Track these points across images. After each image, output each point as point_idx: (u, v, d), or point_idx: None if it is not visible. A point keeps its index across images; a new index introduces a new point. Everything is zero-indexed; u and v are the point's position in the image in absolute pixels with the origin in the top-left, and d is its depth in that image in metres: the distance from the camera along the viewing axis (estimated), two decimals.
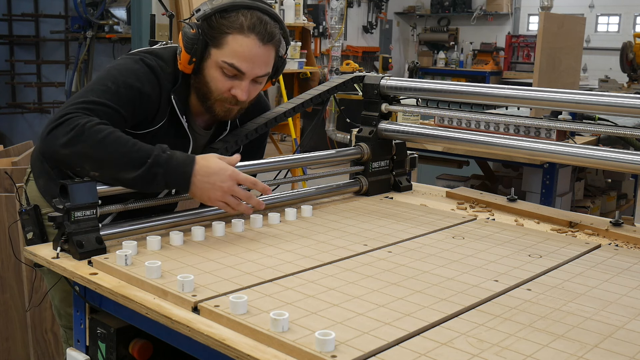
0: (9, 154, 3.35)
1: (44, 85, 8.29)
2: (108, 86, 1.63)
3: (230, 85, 1.71)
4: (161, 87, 1.72)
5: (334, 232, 1.67)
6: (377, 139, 2.12)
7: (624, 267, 1.49)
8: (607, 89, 7.09)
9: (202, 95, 1.75)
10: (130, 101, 1.65)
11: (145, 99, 1.68)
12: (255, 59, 1.70)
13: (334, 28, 11.18)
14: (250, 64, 1.69)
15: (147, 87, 1.68)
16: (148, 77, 1.70)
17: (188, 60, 1.70)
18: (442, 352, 1.04)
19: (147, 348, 1.42)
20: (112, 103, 1.61)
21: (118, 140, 1.52)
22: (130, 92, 1.65)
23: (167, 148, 1.56)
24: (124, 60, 1.74)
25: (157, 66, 1.72)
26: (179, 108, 1.76)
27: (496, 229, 1.77)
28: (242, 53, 1.68)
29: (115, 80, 1.65)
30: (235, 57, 1.68)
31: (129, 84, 1.65)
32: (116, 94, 1.63)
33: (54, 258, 1.44)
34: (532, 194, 3.52)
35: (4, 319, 2.71)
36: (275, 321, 1.08)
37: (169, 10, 4.55)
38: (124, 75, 1.67)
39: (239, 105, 1.76)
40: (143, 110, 1.69)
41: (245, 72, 1.70)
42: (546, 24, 3.63)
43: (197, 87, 1.76)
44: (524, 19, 12.62)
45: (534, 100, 1.83)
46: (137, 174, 1.50)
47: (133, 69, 1.69)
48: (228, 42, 1.68)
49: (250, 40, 1.68)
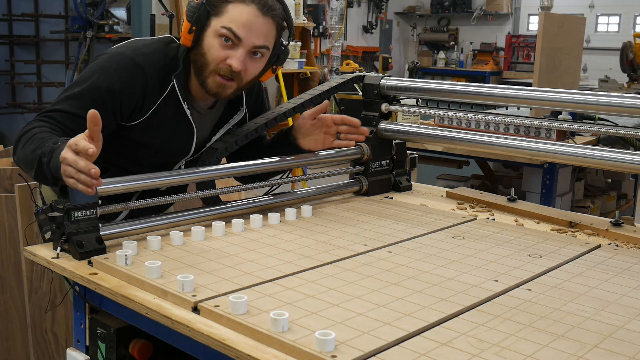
0: (9, 154, 3.35)
1: (44, 85, 8.29)
2: (73, 91, 1.67)
3: (226, 54, 1.71)
4: (146, 75, 1.71)
5: (334, 232, 1.67)
6: (377, 139, 2.12)
7: (624, 267, 1.49)
8: (607, 89, 7.09)
9: (199, 68, 1.74)
10: (95, 101, 1.64)
11: (118, 94, 1.67)
12: (253, 27, 1.70)
13: (334, 28, 11.18)
14: (247, 31, 1.69)
15: (118, 83, 1.68)
16: (120, 72, 1.69)
17: (188, 29, 1.71)
18: (442, 352, 1.04)
19: (147, 348, 1.42)
20: (71, 108, 1.63)
21: (31, 140, 1.53)
22: (97, 93, 1.66)
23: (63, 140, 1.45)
24: (101, 58, 1.75)
25: (134, 56, 1.72)
26: (180, 92, 1.76)
27: (496, 229, 1.77)
28: (240, 19, 1.69)
29: (82, 83, 1.68)
30: (233, 22, 1.69)
31: (96, 85, 1.66)
32: (79, 97, 1.65)
33: (53, 258, 1.44)
34: (532, 194, 3.52)
35: (4, 319, 2.71)
36: (275, 321, 1.08)
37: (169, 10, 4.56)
38: (92, 77, 1.68)
39: (234, 80, 1.73)
40: (119, 105, 1.69)
41: (242, 38, 1.69)
42: (546, 24, 3.63)
43: (195, 60, 1.75)
44: (524, 19, 12.62)
45: (534, 100, 1.83)
46: (33, 171, 1.50)
47: (103, 67, 1.70)
48: (228, 10, 1.70)
49: (250, 8, 1.69)
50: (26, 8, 8.20)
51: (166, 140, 1.79)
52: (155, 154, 1.81)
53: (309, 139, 1.97)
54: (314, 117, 1.95)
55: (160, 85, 1.74)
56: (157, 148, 1.79)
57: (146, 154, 1.80)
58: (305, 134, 1.97)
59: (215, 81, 1.73)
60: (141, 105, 1.72)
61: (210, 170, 1.75)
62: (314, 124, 1.95)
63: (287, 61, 6.63)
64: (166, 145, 1.80)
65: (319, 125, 1.96)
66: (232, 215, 1.76)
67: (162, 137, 1.78)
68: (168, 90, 1.74)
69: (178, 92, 1.75)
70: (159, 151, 1.80)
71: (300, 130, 1.97)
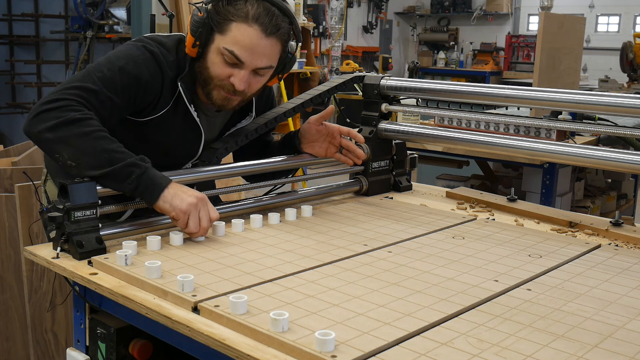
0: (9, 154, 3.35)
1: (44, 85, 8.29)
2: (104, 72, 1.63)
3: (230, 72, 1.70)
4: (163, 73, 1.71)
5: (334, 232, 1.67)
6: (377, 139, 2.12)
7: (624, 267, 1.49)
8: (607, 89, 7.09)
9: (203, 80, 1.74)
10: (125, 88, 1.64)
11: (144, 85, 1.67)
12: (256, 49, 1.67)
13: (334, 28, 11.18)
14: (249, 54, 1.67)
15: (146, 74, 1.68)
16: (148, 64, 1.69)
17: (192, 44, 1.69)
18: (442, 352, 1.04)
19: (147, 348, 1.42)
20: (105, 90, 1.60)
21: (105, 138, 1.53)
22: (127, 79, 1.64)
23: (148, 160, 1.56)
24: (125, 46, 1.74)
25: (159, 53, 1.72)
26: (186, 95, 1.75)
27: (496, 229, 1.77)
28: (243, 42, 1.66)
29: (111, 66, 1.64)
30: (235, 45, 1.66)
31: (126, 71, 1.65)
32: (111, 80, 1.62)
33: (54, 258, 1.44)
34: (532, 194, 3.52)
35: (4, 319, 2.71)
36: (275, 321, 1.08)
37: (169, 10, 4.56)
38: (122, 62, 1.66)
39: (237, 95, 1.73)
40: (142, 97, 1.68)
41: (245, 61, 1.68)
42: (546, 24, 3.63)
43: (199, 72, 1.75)
44: (524, 19, 12.62)
45: (534, 100, 1.83)
46: (113, 167, 1.49)
47: (132, 55, 1.69)
48: (231, 29, 1.66)
49: (253, 30, 1.65)
50: (26, 8, 8.20)
51: (175, 141, 1.79)
52: (163, 155, 1.79)
53: (313, 146, 1.96)
54: (320, 123, 1.94)
55: (172, 86, 1.74)
56: (165, 148, 1.79)
57: (154, 155, 1.80)
58: (310, 139, 1.96)
59: (220, 95, 1.73)
60: (157, 101, 1.72)
61: (210, 170, 1.75)
62: (319, 130, 1.94)
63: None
64: (174, 146, 1.80)
65: (325, 133, 1.95)
66: (232, 215, 1.76)
67: (172, 138, 1.78)
68: (178, 92, 1.74)
69: (184, 95, 1.75)
70: (166, 152, 1.79)
71: (305, 135, 1.96)
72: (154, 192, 1.52)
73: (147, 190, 1.52)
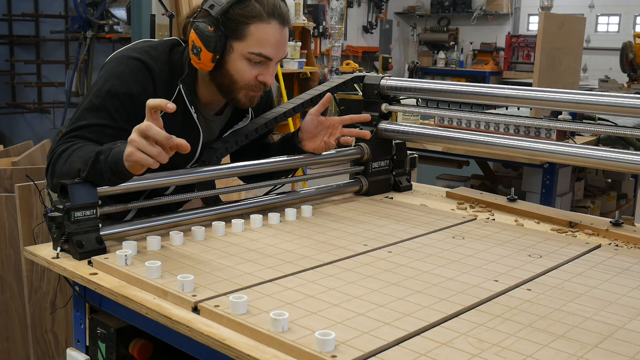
0: (9, 154, 3.36)
1: (44, 85, 8.29)
2: (93, 103, 1.66)
3: (257, 72, 1.73)
4: (154, 78, 1.71)
5: (334, 232, 1.67)
6: (377, 139, 2.12)
7: (624, 267, 1.49)
8: (607, 89, 7.09)
9: (225, 88, 1.75)
10: (118, 110, 1.66)
11: (137, 99, 1.67)
12: (279, 43, 1.73)
13: (334, 28, 11.18)
14: (275, 49, 1.72)
15: (135, 87, 1.68)
16: (135, 75, 1.69)
17: (212, 59, 1.69)
18: (442, 352, 1.04)
19: (147, 348, 1.42)
20: (98, 120, 1.63)
21: (79, 149, 1.55)
22: (117, 101, 1.66)
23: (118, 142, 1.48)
24: (110, 64, 1.75)
25: (146, 58, 1.72)
26: (187, 97, 1.76)
27: (496, 229, 1.77)
28: (268, 40, 1.70)
29: (99, 93, 1.67)
30: (262, 46, 1.70)
31: (114, 92, 1.66)
32: (102, 108, 1.65)
33: (54, 258, 1.44)
34: (532, 194, 3.52)
35: (4, 319, 2.71)
36: (275, 321, 1.08)
37: (169, 10, 4.56)
38: (109, 84, 1.68)
39: (261, 90, 1.78)
40: (139, 110, 1.68)
41: (273, 57, 1.73)
42: (546, 24, 3.63)
43: (218, 82, 1.76)
44: (524, 19, 12.62)
45: (534, 100, 1.83)
46: (87, 166, 1.46)
47: (117, 73, 1.70)
48: (251, 32, 1.68)
49: (272, 26, 1.70)
50: (26, 8, 8.20)
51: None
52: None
53: (314, 141, 1.95)
54: (320, 112, 1.95)
55: (166, 89, 1.74)
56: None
57: None
58: (312, 133, 1.94)
59: (247, 95, 1.77)
60: None
61: (210, 170, 1.75)
62: (321, 122, 1.93)
63: (287, 61, 6.63)
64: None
65: (326, 125, 1.94)
66: (232, 215, 1.76)
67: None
68: (175, 95, 1.74)
69: (185, 97, 1.75)
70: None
71: (306, 129, 1.94)
72: (119, 164, 1.42)
73: (116, 166, 1.42)
